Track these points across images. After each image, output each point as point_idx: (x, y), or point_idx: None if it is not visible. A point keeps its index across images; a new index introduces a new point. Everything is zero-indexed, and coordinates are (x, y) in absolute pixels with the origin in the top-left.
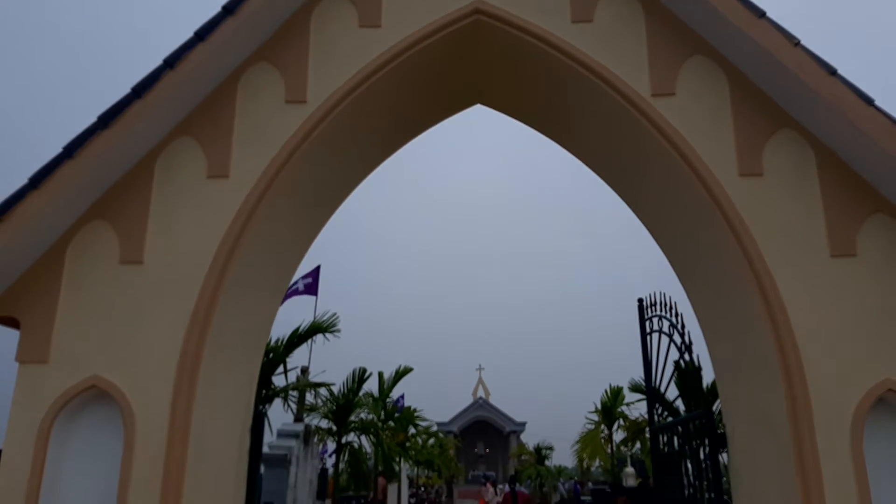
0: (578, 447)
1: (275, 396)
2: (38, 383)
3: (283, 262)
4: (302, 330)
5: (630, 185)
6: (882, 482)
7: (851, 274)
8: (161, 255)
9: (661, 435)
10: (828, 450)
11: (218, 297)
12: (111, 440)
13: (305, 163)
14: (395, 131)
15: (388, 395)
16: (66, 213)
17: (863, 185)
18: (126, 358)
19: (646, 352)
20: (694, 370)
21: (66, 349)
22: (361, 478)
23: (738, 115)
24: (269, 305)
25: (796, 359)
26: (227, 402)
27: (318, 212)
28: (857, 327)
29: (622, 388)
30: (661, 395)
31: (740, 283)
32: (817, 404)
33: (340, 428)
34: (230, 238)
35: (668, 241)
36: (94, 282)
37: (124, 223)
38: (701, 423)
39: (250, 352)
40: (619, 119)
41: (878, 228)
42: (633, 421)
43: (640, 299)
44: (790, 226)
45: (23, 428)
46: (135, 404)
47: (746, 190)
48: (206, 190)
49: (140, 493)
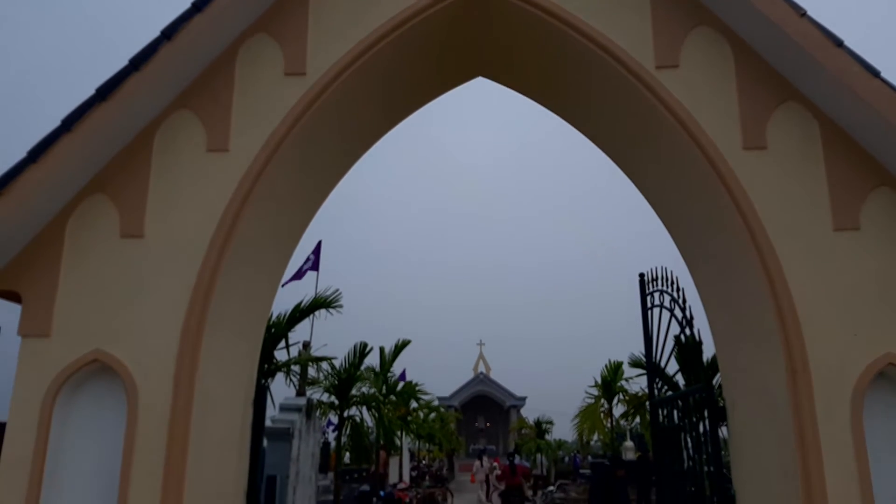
0: (578, 421)
1: (277, 371)
2: (41, 357)
3: (285, 235)
4: (304, 305)
5: (632, 158)
6: (881, 456)
7: (854, 248)
8: (161, 228)
9: (660, 409)
10: (827, 423)
11: (219, 270)
12: (114, 413)
13: (306, 136)
14: (396, 103)
15: (388, 369)
16: (66, 187)
17: (867, 158)
18: (128, 332)
19: (646, 326)
20: (694, 344)
21: (68, 323)
22: (363, 451)
23: (742, 87)
24: (272, 278)
25: (797, 332)
26: (230, 376)
27: (320, 184)
28: (859, 301)
29: (622, 363)
30: (662, 369)
31: (742, 257)
32: (818, 378)
33: (342, 402)
34: (231, 212)
35: (670, 215)
36: (94, 256)
37: (124, 197)
38: (701, 397)
39: (252, 325)
40: (622, 91)
41: (882, 202)
42: (632, 395)
43: (641, 274)
44: (793, 199)
45: (26, 401)
46: (137, 378)
47: (750, 163)
48: (205, 163)
49: (144, 465)
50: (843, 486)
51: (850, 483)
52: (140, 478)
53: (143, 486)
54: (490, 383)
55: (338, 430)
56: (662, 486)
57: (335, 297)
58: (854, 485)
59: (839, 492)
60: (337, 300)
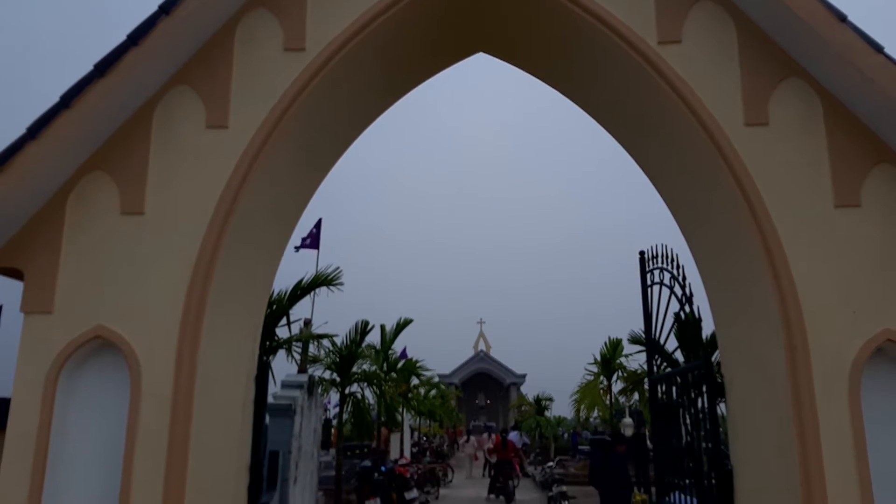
0: (577, 398)
1: (278, 348)
2: (44, 334)
3: (286, 211)
4: (305, 283)
5: (633, 134)
6: (878, 430)
7: (855, 225)
8: (162, 205)
9: (659, 385)
10: (825, 399)
11: (220, 247)
12: (118, 390)
13: (305, 112)
14: (396, 79)
15: (390, 347)
16: (66, 164)
17: (869, 135)
18: (130, 308)
19: (646, 304)
20: (694, 321)
21: (70, 299)
22: (365, 428)
23: (744, 63)
24: (272, 255)
25: (796, 309)
26: (232, 352)
27: (320, 161)
28: (859, 278)
29: (621, 340)
30: (661, 346)
31: (743, 234)
32: (816, 354)
33: (343, 379)
34: (231, 188)
35: (671, 192)
36: (95, 233)
37: (124, 174)
38: (700, 374)
39: (254, 302)
40: (624, 67)
41: (883, 179)
42: (632, 372)
43: (641, 252)
44: (795, 176)
45: (30, 378)
46: (140, 354)
47: (752, 140)
48: (205, 140)
49: (148, 441)
50: (839, 460)
51: (846, 458)
52: (144, 452)
53: (147, 460)
54: (490, 361)
55: (339, 406)
56: (660, 461)
57: (336, 275)
58: (850, 459)
59: (836, 466)
60: (337, 278)
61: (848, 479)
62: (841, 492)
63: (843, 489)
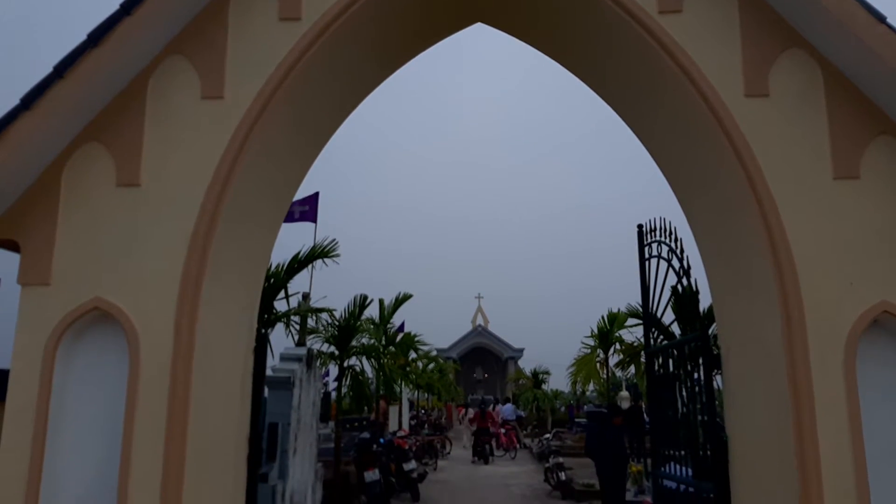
0: (574, 371)
1: (277, 321)
2: (41, 305)
3: (283, 183)
4: (302, 256)
5: (632, 105)
6: (872, 402)
7: (853, 197)
8: (158, 177)
9: (656, 358)
10: (821, 370)
11: (217, 219)
12: (117, 361)
13: (302, 83)
14: (393, 50)
15: (388, 321)
16: (60, 135)
17: (869, 106)
18: (127, 280)
19: (644, 277)
20: (691, 294)
21: (67, 271)
22: (364, 400)
23: (745, 33)
24: (270, 227)
25: (794, 280)
26: (230, 324)
27: (318, 132)
28: (857, 250)
29: (620, 311)
30: (658, 320)
31: (741, 206)
32: (812, 325)
33: (342, 352)
34: (227, 160)
35: (669, 163)
36: (91, 204)
37: (119, 145)
38: (696, 346)
39: (252, 274)
40: (623, 36)
41: (883, 151)
42: (628, 345)
43: (639, 225)
44: (794, 148)
45: (28, 349)
46: (138, 326)
47: (752, 111)
48: (200, 111)
49: (147, 412)
50: (834, 431)
51: (841, 428)
52: (143, 423)
53: (147, 431)
54: (488, 335)
55: (338, 379)
56: (656, 432)
57: (332, 247)
58: (845, 430)
59: (830, 437)
60: (334, 250)
61: (842, 450)
62: (835, 461)
63: (838, 459)
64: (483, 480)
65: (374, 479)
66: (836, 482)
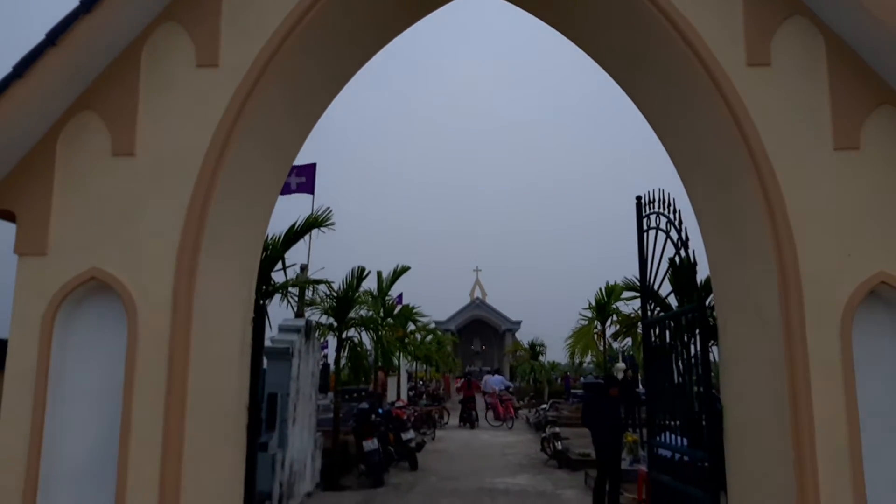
0: (571, 342)
1: (274, 292)
2: (38, 276)
3: (280, 153)
4: (298, 226)
5: (632, 74)
6: (868, 372)
7: (853, 168)
8: (153, 146)
9: (653, 329)
10: (817, 341)
11: (214, 188)
12: (115, 331)
13: (298, 50)
14: (390, 17)
15: (386, 293)
16: (54, 104)
17: (871, 76)
18: (124, 250)
19: (642, 249)
20: (689, 265)
21: (63, 241)
22: (362, 371)
23: (748, 1)
24: (267, 197)
25: (791, 250)
26: (228, 295)
27: (315, 100)
28: (855, 221)
29: (617, 283)
30: (655, 292)
31: (741, 176)
32: (809, 296)
33: (341, 324)
34: (223, 129)
35: (668, 133)
36: (87, 174)
37: (113, 114)
38: (693, 317)
39: (249, 244)
40: (624, 4)
41: (883, 122)
42: (625, 316)
43: (638, 197)
44: (795, 118)
45: (26, 319)
46: (136, 296)
47: (753, 80)
48: (195, 79)
49: (146, 381)
50: (829, 400)
51: (836, 398)
52: (143, 392)
53: (147, 400)
54: (486, 308)
55: (337, 351)
56: (652, 402)
57: (327, 216)
58: (840, 400)
59: (825, 406)
60: (329, 219)
61: (837, 419)
62: (830, 430)
63: (832, 428)
64: (480, 450)
65: (372, 449)
66: (831, 451)
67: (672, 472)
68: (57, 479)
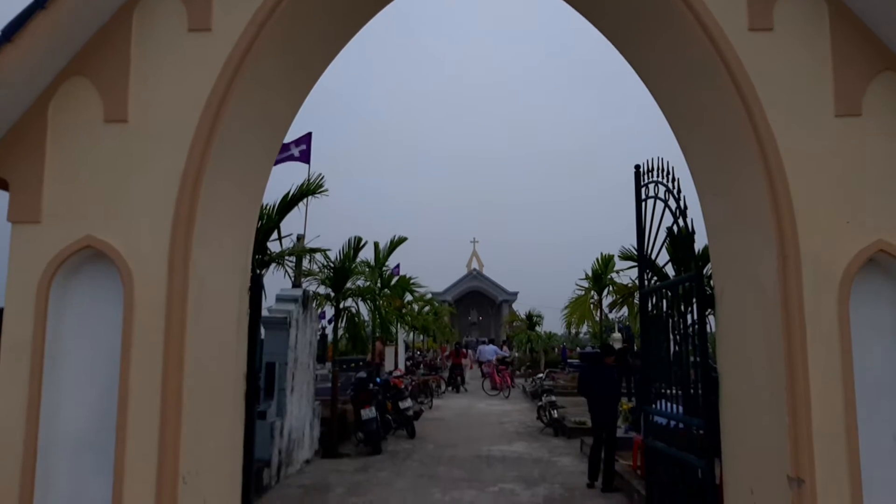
0: (567, 311)
1: (271, 262)
2: (33, 243)
3: (274, 119)
4: (292, 194)
5: (630, 37)
6: (865, 340)
7: (854, 134)
8: (146, 112)
9: (650, 298)
10: (814, 308)
11: (208, 154)
12: (112, 299)
13: (292, 13)
14: None
15: (383, 263)
16: (45, 69)
17: (874, 41)
18: (119, 217)
19: (640, 218)
20: (687, 234)
21: (57, 209)
22: (360, 341)
23: None
24: (262, 164)
25: (790, 218)
26: (224, 263)
27: (310, 65)
28: (855, 188)
29: (613, 256)
30: (653, 261)
31: (740, 142)
32: (807, 263)
33: (338, 294)
34: (217, 94)
35: (668, 98)
36: (79, 140)
37: (105, 80)
38: (690, 286)
39: (245, 211)
40: None
41: (884, 88)
42: (621, 285)
43: (637, 165)
44: (796, 84)
45: (21, 287)
46: (131, 264)
47: (755, 45)
48: (188, 44)
49: (143, 349)
50: (825, 368)
51: (832, 365)
52: (140, 360)
53: (144, 368)
54: (483, 279)
55: (334, 321)
56: (648, 371)
57: (320, 183)
58: (836, 367)
59: (821, 373)
60: (322, 186)
61: (832, 386)
62: (825, 397)
63: (828, 395)
64: (477, 418)
65: (370, 417)
66: (826, 418)
67: (667, 439)
68: (56, 448)
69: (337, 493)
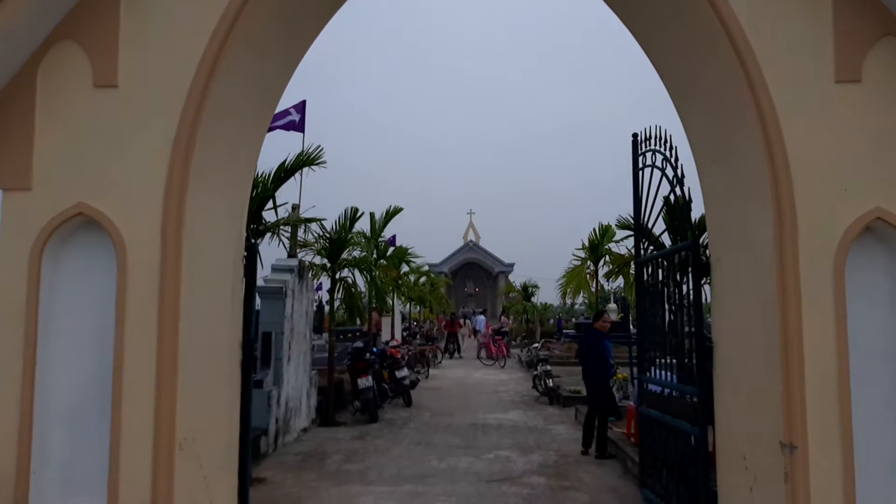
0: (563, 282)
1: (266, 232)
2: (24, 211)
3: (268, 83)
4: (288, 164)
5: (629, 4)
6: (860, 309)
7: (854, 101)
8: (136, 77)
9: (646, 268)
10: (810, 276)
11: (200, 120)
12: (105, 267)
13: None
14: None
15: (380, 234)
16: (32, 32)
17: (876, 6)
18: (111, 184)
19: (637, 187)
20: (684, 203)
21: (48, 176)
22: (356, 312)
23: None
24: (255, 130)
25: (788, 185)
26: (218, 231)
27: (303, 29)
28: (854, 156)
29: (611, 226)
30: (649, 230)
31: (739, 108)
32: (804, 231)
33: (334, 264)
34: (208, 58)
35: (665, 62)
36: (69, 106)
37: (94, 44)
38: (686, 255)
39: (238, 178)
40: None
41: (885, 54)
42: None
43: (634, 134)
44: (797, 49)
45: (13, 255)
46: (124, 232)
47: (755, 9)
48: (178, 7)
49: (137, 318)
50: (820, 335)
51: (827, 333)
52: (135, 331)
53: (139, 339)
54: (479, 251)
55: (330, 291)
56: (643, 340)
57: (318, 154)
58: (831, 335)
59: (816, 341)
60: (319, 157)
61: (827, 355)
62: (819, 366)
63: (822, 363)
64: (473, 387)
65: (367, 386)
66: (820, 386)
67: (661, 406)
68: (52, 417)
69: (334, 460)
